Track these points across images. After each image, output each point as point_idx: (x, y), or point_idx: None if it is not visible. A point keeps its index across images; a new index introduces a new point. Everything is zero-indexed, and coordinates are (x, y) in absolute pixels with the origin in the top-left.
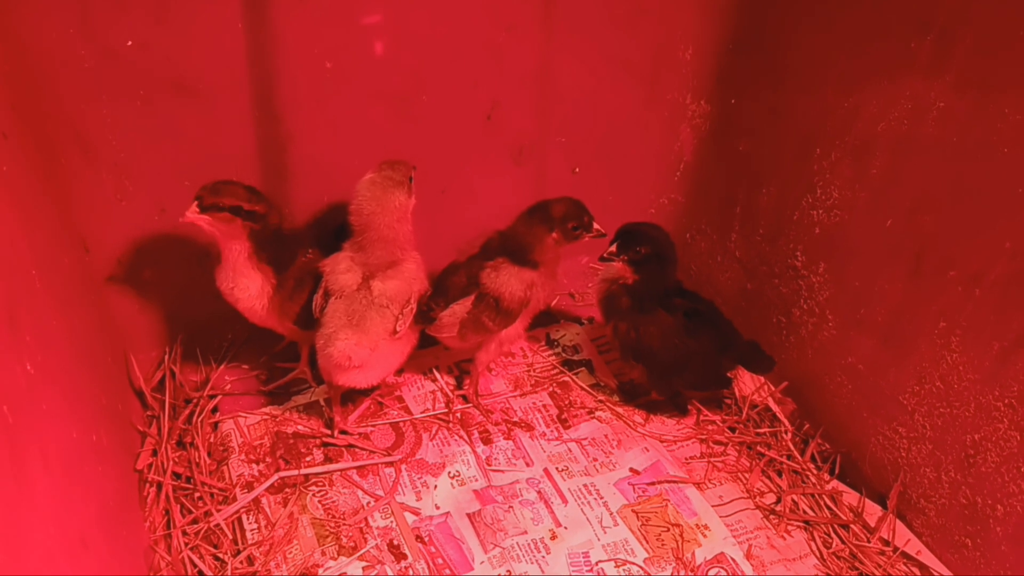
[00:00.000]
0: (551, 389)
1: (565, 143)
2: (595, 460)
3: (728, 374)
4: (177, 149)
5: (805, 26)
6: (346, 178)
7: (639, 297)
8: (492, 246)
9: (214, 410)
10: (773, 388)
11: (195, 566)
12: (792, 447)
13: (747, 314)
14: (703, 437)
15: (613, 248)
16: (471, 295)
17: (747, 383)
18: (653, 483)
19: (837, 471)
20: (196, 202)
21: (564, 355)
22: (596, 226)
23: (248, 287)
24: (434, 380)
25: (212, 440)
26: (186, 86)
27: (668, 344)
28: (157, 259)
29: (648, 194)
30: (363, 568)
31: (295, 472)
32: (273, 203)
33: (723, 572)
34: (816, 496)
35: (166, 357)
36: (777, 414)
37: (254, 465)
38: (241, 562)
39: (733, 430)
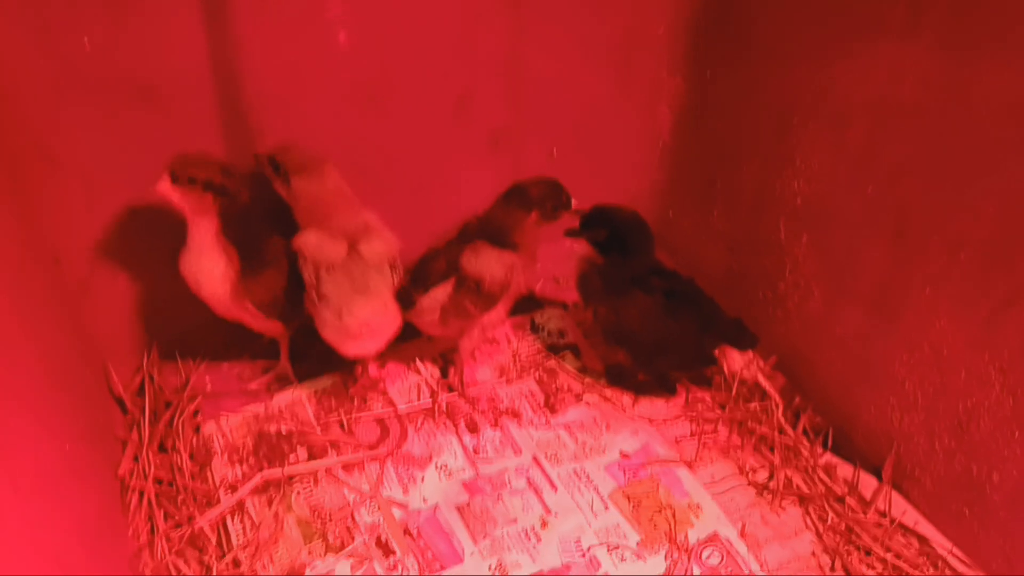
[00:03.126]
0: (537, 375)
1: (541, 128)
2: (584, 445)
3: (714, 352)
4: (144, 154)
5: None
6: None
7: (608, 278)
8: (470, 230)
9: (195, 413)
10: (762, 363)
11: (180, 572)
12: (783, 422)
13: (733, 291)
14: (693, 416)
15: (578, 226)
16: (451, 280)
17: (736, 359)
18: (643, 465)
19: (830, 444)
20: (168, 174)
21: (549, 340)
22: (575, 204)
23: (212, 270)
24: (418, 372)
25: (194, 443)
26: (149, 90)
27: (648, 326)
28: (130, 265)
29: (628, 175)
30: (351, 566)
31: (278, 472)
32: (244, 179)
33: (717, 552)
34: (810, 471)
35: (145, 362)
36: (767, 389)
37: (237, 466)
38: (227, 565)
39: (723, 407)
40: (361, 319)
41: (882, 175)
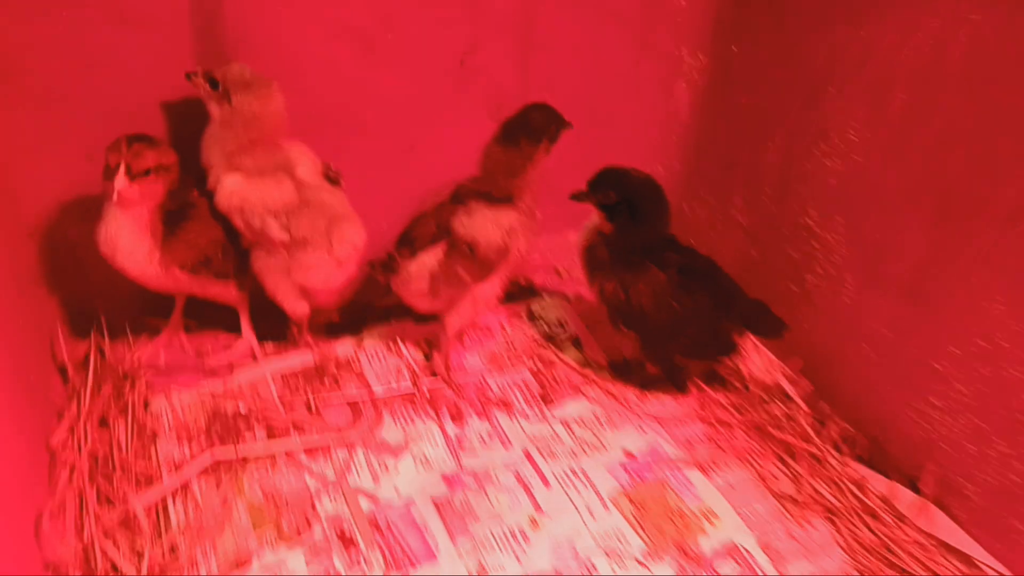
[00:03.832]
0: (532, 365)
1: (548, 101)
2: (583, 442)
3: (735, 338)
4: (109, 82)
5: None
6: (303, 124)
7: (617, 249)
8: (464, 191)
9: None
10: (784, 367)
11: (107, 554)
12: (808, 428)
13: (753, 285)
14: (707, 417)
15: (585, 188)
16: (442, 243)
17: (755, 362)
18: (650, 466)
19: (861, 454)
20: (122, 168)
21: (547, 330)
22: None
23: (133, 252)
24: (399, 354)
25: (141, 420)
26: (119, 12)
27: (661, 304)
28: (83, 215)
29: (642, 159)
30: (304, 558)
31: (231, 451)
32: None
33: (736, 565)
34: (838, 482)
35: (95, 328)
36: (790, 394)
37: (186, 445)
38: (162, 551)
39: (740, 410)
40: (354, 243)
41: (926, 147)
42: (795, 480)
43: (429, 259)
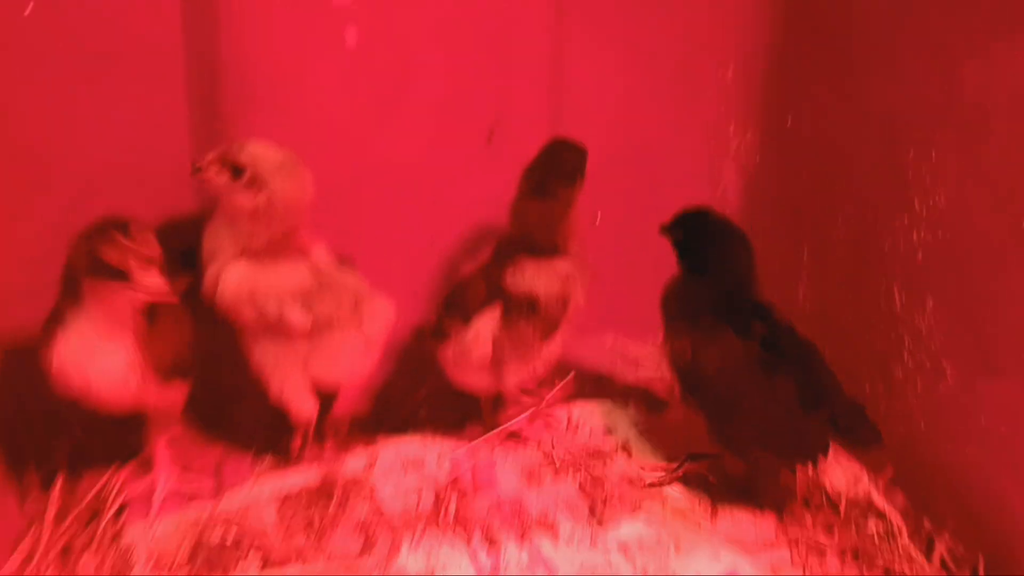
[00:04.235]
0: (579, 479)
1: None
2: (646, 570)
3: (826, 443)
4: (93, 152)
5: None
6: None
7: (689, 300)
8: (506, 247)
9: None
10: (872, 475)
11: None
12: (913, 550)
13: None
14: (794, 539)
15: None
16: (496, 304)
17: (836, 472)
18: None
19: None
20: (146, 262)
21: (593, 440)
22: None
23: (113, 362)
24: (419, 468)
25: (110, 551)
26: (102, 72)
27: (731, 375)
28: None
29: None
30: None
31: None
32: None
33: None
34: None
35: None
36: (884, 512)
37: None
38: None
39: (831, 528)
40: (386, 318)
41: None
42: None
43: (487, 323)
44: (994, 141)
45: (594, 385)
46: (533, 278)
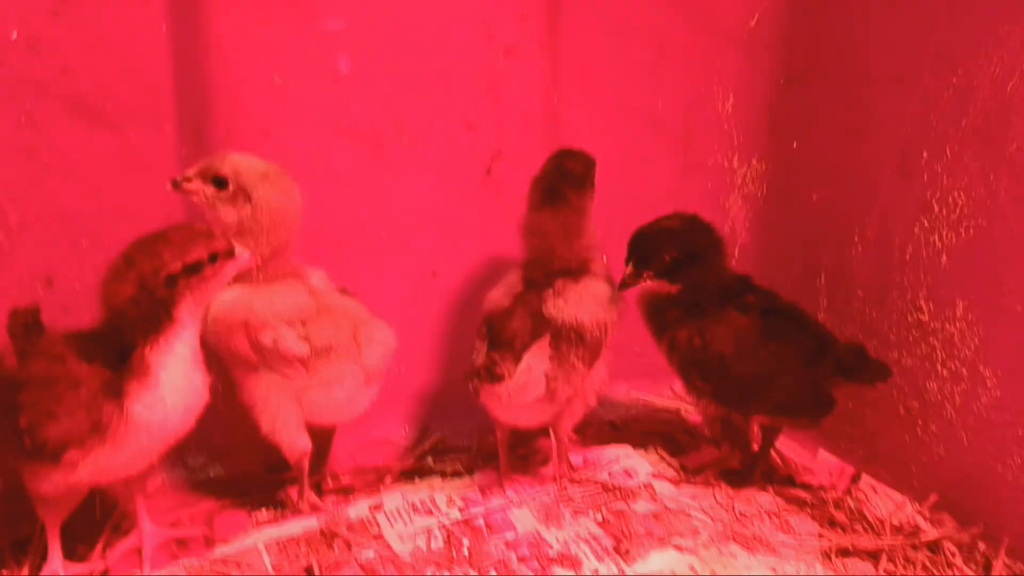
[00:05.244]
0: (599, 516)
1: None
2: None
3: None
4: (72, 192)
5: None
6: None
7: (691, 303)
8: (534, 271)
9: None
10: (915, 503)
11: None
12: (967, 573)
13: (857, 416)
14: (837, 569)
15: (630, 268)
16: (543, 337)
17: (881, 500)
18: None
19: None
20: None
21: (611, 482)
22: None
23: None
24: (429, 512)
25: None
26: (87, 105)
27: (744, 350)
28: None
29: None
30: None
31: None
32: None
33: None
34: None
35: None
36: (935, 538)
37: None
38: None
39: (875, 556)
40: (387, 346)
41: None
42: None
43: (536, 360)
44: (1013, 132)
45: (611, 428)
46: (576, 304)
